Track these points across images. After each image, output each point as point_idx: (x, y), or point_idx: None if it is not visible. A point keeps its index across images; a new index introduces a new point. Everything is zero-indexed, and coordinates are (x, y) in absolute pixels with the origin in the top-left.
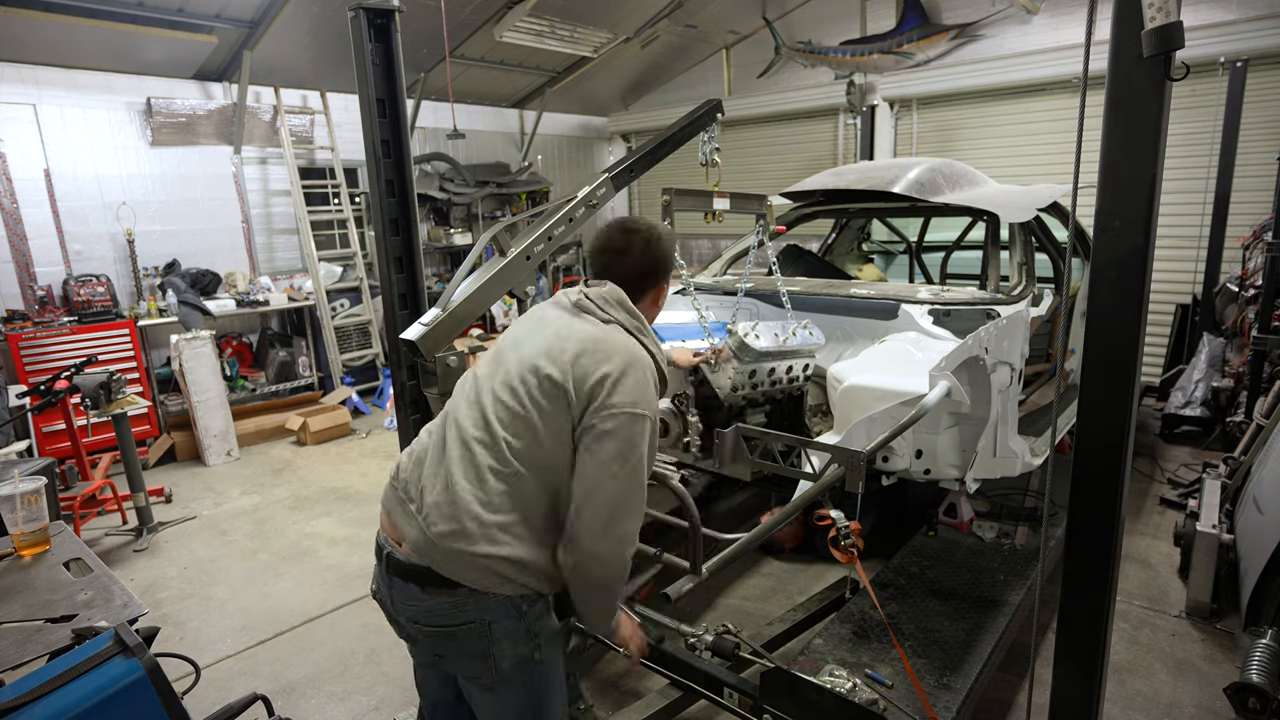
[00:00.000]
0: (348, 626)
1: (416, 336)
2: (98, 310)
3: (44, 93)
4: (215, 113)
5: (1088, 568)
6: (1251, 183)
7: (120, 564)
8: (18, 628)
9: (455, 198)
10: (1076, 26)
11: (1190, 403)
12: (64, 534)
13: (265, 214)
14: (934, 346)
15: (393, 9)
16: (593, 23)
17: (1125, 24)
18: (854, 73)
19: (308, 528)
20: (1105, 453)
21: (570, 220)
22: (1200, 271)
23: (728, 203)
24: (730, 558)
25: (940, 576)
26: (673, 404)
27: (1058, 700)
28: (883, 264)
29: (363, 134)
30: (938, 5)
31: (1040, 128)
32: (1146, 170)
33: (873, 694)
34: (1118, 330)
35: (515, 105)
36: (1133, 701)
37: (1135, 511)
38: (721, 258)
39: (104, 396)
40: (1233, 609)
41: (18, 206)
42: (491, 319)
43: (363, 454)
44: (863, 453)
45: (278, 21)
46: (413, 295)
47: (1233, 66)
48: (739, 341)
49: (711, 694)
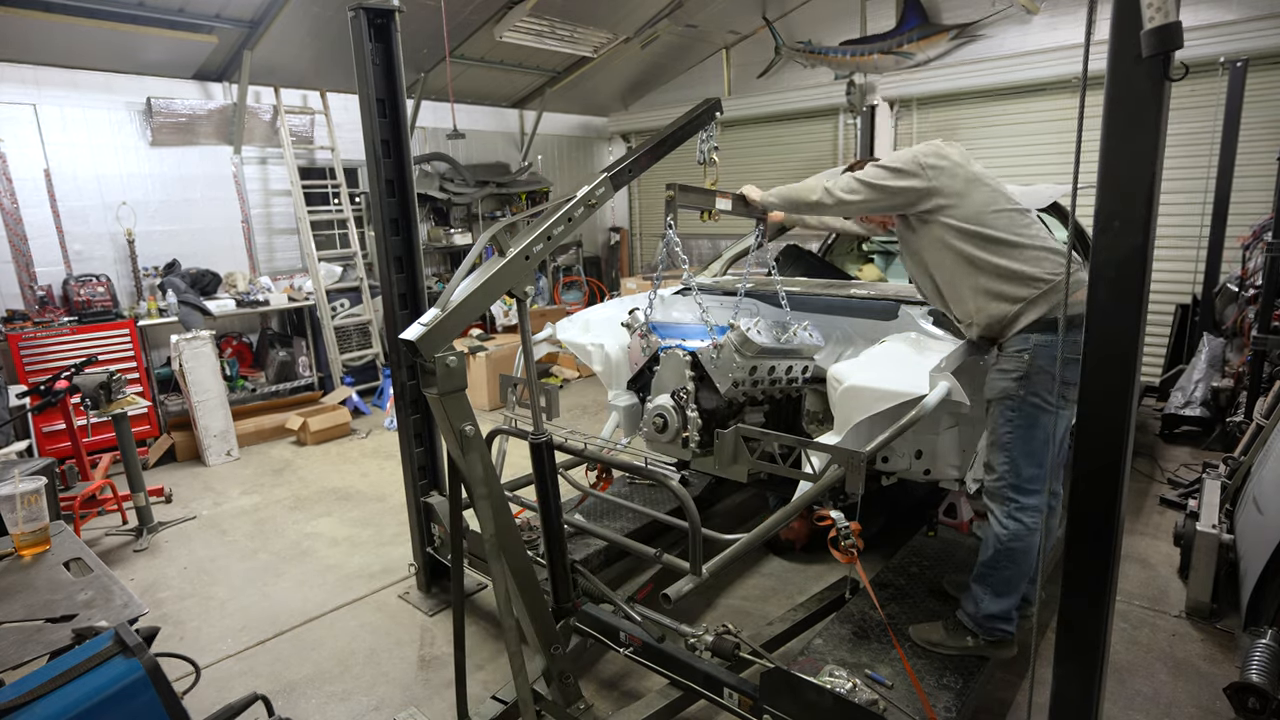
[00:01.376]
0: (347, 626)
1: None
2: (98, 310)
3: (44, 93)
4: (215, 113)
5: (1088, 568)
6: (1251, 183)
7: (120, 564)
8: (18, 628)
9: (455, 198)
10: (1076, 26)
11: (1190, 403)
12: (64, 534)
13: (265, 214)
14: (934, 347)
15: (393, 9)
16: (593, 23)
17: (1124, 24)
18: (854, 73)
19: (308, 528)
20: (1105, 453)
21: (569, 220)
22: (1200, 271)
23: (729, 203)
24: (730, 558)
25: (940, 576)
26: (673, 399)
27: (1058, 700)
28: (883, 264)
29: (363, 134)
30: (938, 5)
31: (1040, 128)
32: (1146, 170)
33: (873, 694)
34: (1117, 330)
35: (515, 105)
36: (1133, 701)
37: (1135, 511)
38: (721, 258)
39: (104, 396)
40: (1233, 609)
41: (18, 206)
42: (491, 319)
43: (363, 454)
44: (863, 453)
45: (278, 21)
46: (413, 295)
47: (1233, 66)
48: (741, 336)
49: (711, 694)
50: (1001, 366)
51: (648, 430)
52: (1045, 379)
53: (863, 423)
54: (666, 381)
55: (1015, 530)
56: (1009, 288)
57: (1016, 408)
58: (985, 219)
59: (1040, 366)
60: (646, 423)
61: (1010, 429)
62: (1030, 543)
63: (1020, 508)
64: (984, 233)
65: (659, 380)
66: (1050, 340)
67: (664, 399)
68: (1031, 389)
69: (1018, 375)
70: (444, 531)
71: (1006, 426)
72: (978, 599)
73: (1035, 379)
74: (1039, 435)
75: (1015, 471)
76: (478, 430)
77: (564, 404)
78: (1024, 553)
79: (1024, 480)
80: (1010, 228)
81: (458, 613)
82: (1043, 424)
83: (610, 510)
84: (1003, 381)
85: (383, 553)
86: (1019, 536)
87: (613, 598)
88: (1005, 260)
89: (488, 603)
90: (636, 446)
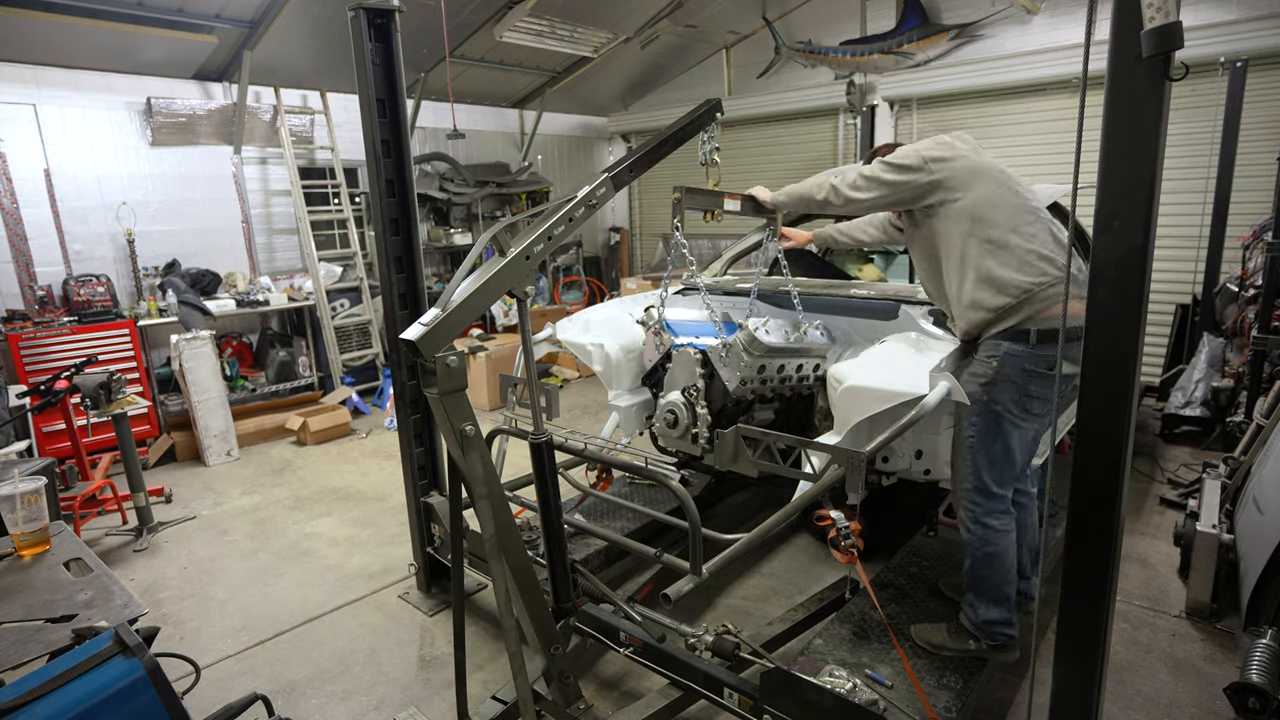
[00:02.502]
0: (347, 626)
1: (416, 336)
2: (98, 310)
3: (44, 93)
4: (215, 113)
5: (1088, 568)
6: (1251, 183)
7: (120, 564)
8: (18, 628)
9: (455, 198)
10: (1076, 26)
11: (1190, 403)
12: (64, 534)
13: (265, 214)
14: (934, 347)
15: (393, 9)
16: (593, 23)
17: (1124, 24)
18: (854, 73)
19: (308, 528)
20: (1105, 453)
21: (570, 220)
22: (1200, 271)
23: (738, 204)
24: (730, 558)
25: (940, 576)
26: (683, 396)
27: (1058, 700)
28: (883, 264)
29: (363, 134)
30: (938, 5)
31: (1040, 128)
32: (1146, 170)
33: (873, 694)
34: (1117, 330)
35: (515, 105)
36: (1133, 701)
37: (1135, 511)
38: (722, 258)
39: (104, 396)
40: (1233, 609)
41: (18, 206)
42: (491, 319)
43: (363, 454)
44: (863, 453)
45: (278, 21)
46: (413, 295)
47: (1233, 66)
48: (749, 335)
49: (711, 694)
50: (971, 370)
51: (659, 426)
52: (1011, 388)
53: (863, 423)
54: (678, 378)
55: (982, 535)
56: (986, 295)
57: (979, 413)
58: (984, 213)
59: (1007, 375)
60: (658, 418)
61: (972, 433)
62: (1002, 546)
63: (985, 512)
64: (977, 231)
65: (671, 377)
66: (1021, 351)
67: (675, 395)
68: (995, 396)
69: (984, 380)
70: (444, 531)
71: (969, 430)
72: (974, 606)
73: (1000, 386)
74: (999, 443)
75: (977, 475)
76: (478, 430)
77: (564, 404)
78: (997, 557)
79: (986, 484)
80: (1008, 223)
81: (458, 613)
82: (1004, 432)
83: (610, 510)
84: (970, 385)
85: (383, 553)
86: (988, 541)
87: (613, 598)
88: (990, 262)
89: (488, 603)
90: (637, 446)
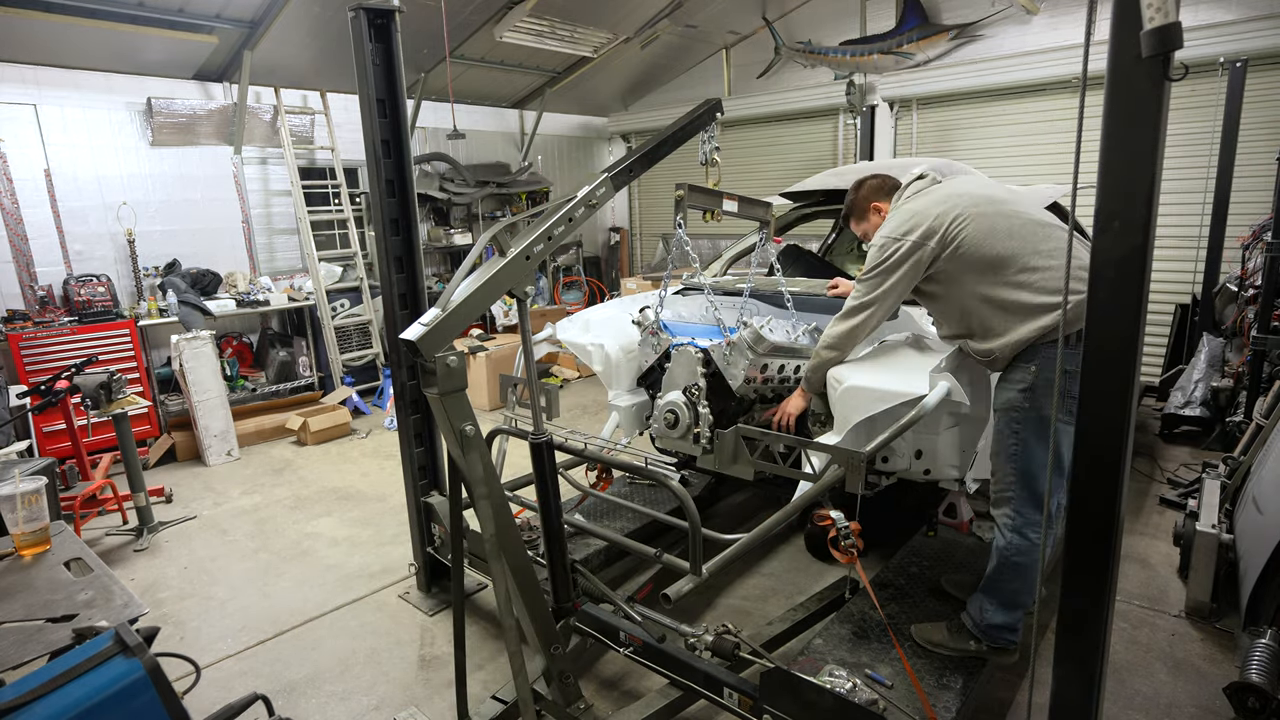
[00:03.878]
0: (347, 626)
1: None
2: (98, 310)
3: (44, 93)
4: (215, 113)
5: (1088, 568)
6: (1251, 183)
7: (120, 564)
8: (18, 628)
9: (455, 198)
10: (1076, 27)
11: (1190, 403)
12: (64, 534)
13: (265, 214)
14: (934, 347)
15: (393, 9)
16: (593, 23)
17: (1124, 24)
18: (854, 73)
19: (308, 528)
20: (1105, 453)
21: (570, 220)
22: (1200, 271)
23: (736, 205)
24: (730, 558)
25: (940, 576)
26: (684, 395)
27: (1058, 700)
28: None
29: (363, 134)
30: (938, 5)
31: (1040, 128)
32: (1146, 170)
33: (873, 694)
34: (1117, 330)
35: (515, 105)
36: (1132, 701)
37: (1135, 511)
38: (721, 258)
39: (104, 396)
40: (1232, 609)
41: (18, 206)
42: (491, 319)
43: (363, 454)
44: (862, 453)
45: (278, 22)
46: (413, 295)
47: (1232, 66)
48: (754, 333)
49: (711, 694)
50: (1008, 377)
51: (659, 426)
52: (1052, 392)
53: (862, 423)
54: (678, 378)
55: (1018, 544)
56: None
57: (1021, 420)
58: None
59: (1048, 379)
60: (657, 419)
61: (1015, 441)
62: (1033, 557)
63: (1025, 522)
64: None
65: (670, 377)
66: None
67: (676, 395)
68: (1036, 402)
69: (1023, 386)
70: (444, 531)
71: (1012, 439)
72: (983, 608)
73: (1041, 391)
74: (1045, 448)
75: (1021, 484)
76: (478, 430)
77: (564, 404)
78: (1027, 567)
79: (1029, 494)
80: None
81: (458, 613)
82: (1050, 437)
83: (610, 510)
84: (1008, 392)
85: (383, 553)
86: (1022, 551)
87: (613, 598)
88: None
89: (488, 603)
90: (637, 446)
